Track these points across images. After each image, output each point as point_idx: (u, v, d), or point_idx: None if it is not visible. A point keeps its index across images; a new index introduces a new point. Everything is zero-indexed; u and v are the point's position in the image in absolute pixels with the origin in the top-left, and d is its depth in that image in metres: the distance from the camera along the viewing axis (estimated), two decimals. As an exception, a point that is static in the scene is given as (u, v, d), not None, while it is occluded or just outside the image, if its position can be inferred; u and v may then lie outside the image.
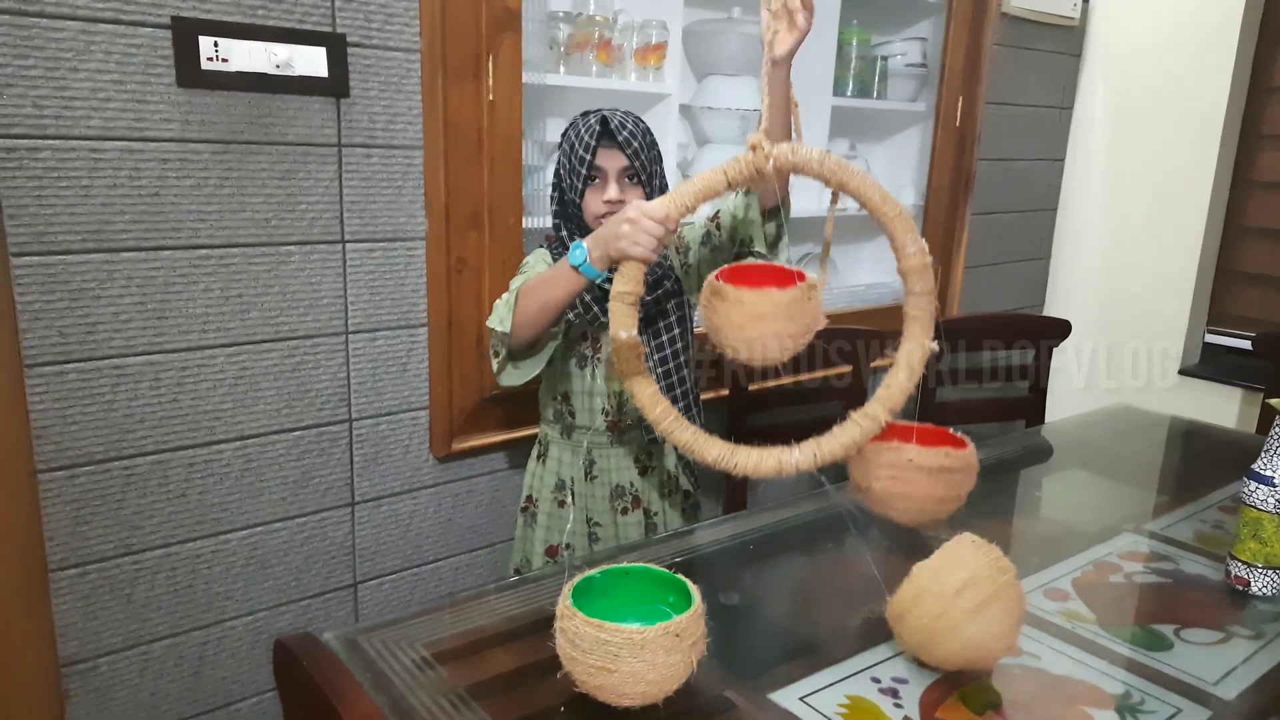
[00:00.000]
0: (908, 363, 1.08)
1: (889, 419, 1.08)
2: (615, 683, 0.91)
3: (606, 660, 0.90)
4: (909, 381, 1.08)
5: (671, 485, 1.55)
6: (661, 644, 0.91)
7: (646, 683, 0.91)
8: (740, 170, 1.03)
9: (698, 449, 1.07)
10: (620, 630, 0.90)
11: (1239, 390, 2.52)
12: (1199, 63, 2.51)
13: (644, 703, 0.93)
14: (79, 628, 1.40)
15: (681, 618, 0.93)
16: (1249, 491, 1.24)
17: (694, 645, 0.94)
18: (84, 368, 1.34)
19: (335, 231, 1.52)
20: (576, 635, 0.92)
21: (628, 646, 0.90)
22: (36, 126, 1.24)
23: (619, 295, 1.09)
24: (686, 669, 0.94)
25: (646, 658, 0.90)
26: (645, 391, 1.10)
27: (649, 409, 1.09)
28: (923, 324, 1.08)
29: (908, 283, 1.07)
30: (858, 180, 1.02)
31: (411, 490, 1.71)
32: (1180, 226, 2.59)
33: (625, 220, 1.10)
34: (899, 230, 1.04)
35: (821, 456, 1.07)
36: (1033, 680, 1.04)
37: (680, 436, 1.08)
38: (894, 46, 2.43)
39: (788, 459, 1.06)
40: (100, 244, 1.31)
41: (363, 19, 1.47)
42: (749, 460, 1.07)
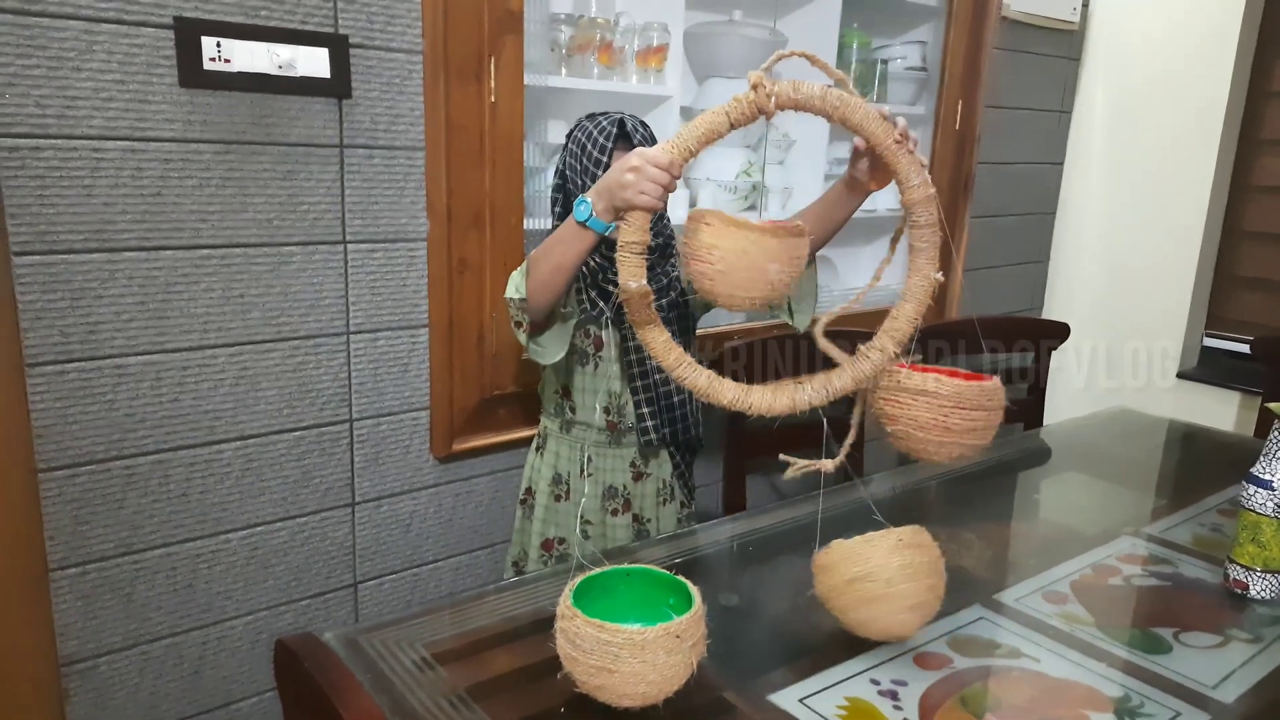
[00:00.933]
0: (915, 294, 1.09)
1: (896, 350, 1.08)
2: (616, 683, 0.91)
3: (607, 660, 0.90)
4: (916, 312, 1.08)
5: (666, 494, 1.55)
6: (662, 645, 0.91)
7: (647, 683, 0.91)
8: (742, 110, 1.00)
9: (713, 393, 1.07)
10: (621, 631, 0.90)
11: (1237, 394, 2.53)
12: (1198, 67, 2.51)
13: (644, 704, 0.94)
14: (79, 627, 1.40)
15: (682, 619, 0.93)
16: (1248, 495, 1.24)
17: (694, 646, 0.95)
18: (85, 367, 1.34)
19: (337, 232, 1.52)
20: (577, 635, 0.92)
21: (628, 647, 0.90)
22: (39, 126, 1.24)
23: (626, 245, 1.05)
24: (687, 670, 0.95)
25: (647, 658, 0.90)
26: (659, 339, 1.08)
27: (663, 356, 1.07)
28: (928, 255, 1.08)
29: (912, 214, 1.07)
30: (860, 114, 1.02)
31: (412, 490, 1.71)
32: (1179, 230, 2.60)
33: (629, 169, 1.07)
34: (903, 163, 1.04)
35: (833, 391, 1.08)
36: (1031, 683, 1.05)
37: (696, 381, 1.07)
38: (894, 50, 2.44)
39: (800, 396, 1.07)
40: (102, 243, 1.32)
41: (365, 20, 1.47)
42: (763, 400, 1.07)
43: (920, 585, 1.05)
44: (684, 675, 0.95)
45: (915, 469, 1.77)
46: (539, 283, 1.28)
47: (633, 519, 1.51)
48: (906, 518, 1.57)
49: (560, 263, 1.24)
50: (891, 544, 1.06)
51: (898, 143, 1.03)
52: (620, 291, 1.05)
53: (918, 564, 1.05)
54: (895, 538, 1.06)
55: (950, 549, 1.39)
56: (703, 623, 0.97)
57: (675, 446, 1.53)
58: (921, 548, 1.07)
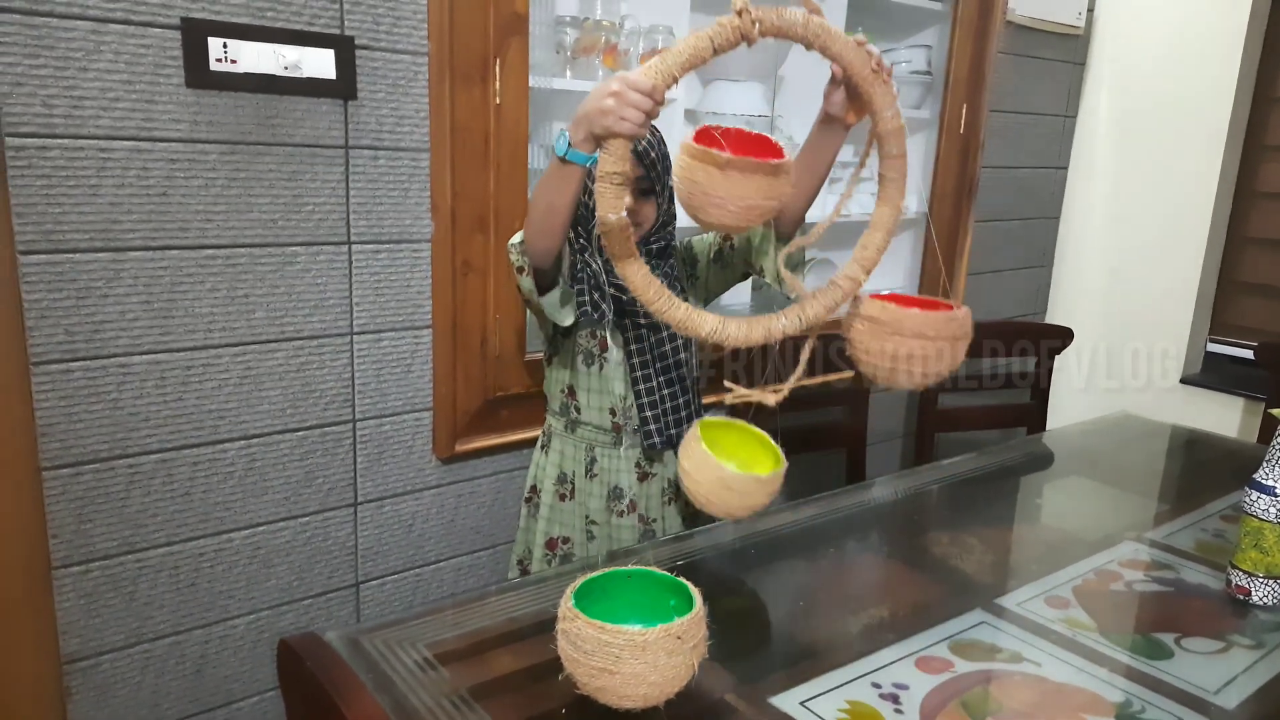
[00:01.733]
0: (883, 223, 1.10)
1: (865, 278, 1.10)
2: (617, 684, 0.91)
3: (608, 662, 0.90)
4: (885, 241, 1.10)
5: (671, 493, 1.55)
6: (663, 646, 0.91)
7: (648, 684, 0.91)
8: (726, 36, 0.99)
9: (691, 325, 1.07)
10: (622, 632, 0.90)
11: (1240, 399, 2.52)
12: (1203, 72, 2.51)
13: (645, 705, 0.94)
14: (81, 625, 1.40)
15: (683, 620, 0.93)
16: (1250, 501, 1.24)
17: (695, 648, 0.94)
18: (90, 366, 1.34)
19: (341, 233, 1.52)
20: (578, 637, 0.92)
21: (629, 648, 0.90)
22: (46, 125, 1.25)
23: (606, 176, 1.02)
24: (688, 671, 0.94)
25: (648, 659, 0.90)
26: (638, 274, 1.06)
27: (642, 290, 1.06)
28: (898, 186, 1.09)
29: (884, 145, 1.08)
30: (840, 43, 1.02)
31: (414, 491, 1.71)
32: (1183, 236, 2.59)
33: (609, 94, 1.01)
34: (878, 94, 1.05)
35: (806, 320, 1.09)
36: (1033, 688, 1.04)
37: (674, 314, 1.06)
38: (899, 54, 2.44)
39: (775, 325, 1.08)
40: (107, 243, 1.32)
41: (371, 22, 1.48)
42: (739, 331, 1.07)
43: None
44: (685, 676, 0.95)
45: (918, 473, 1.77)
46: (533, 227, 1.25)
47: (638, 519, 1.51)
48: (909, 521, 1.58)
49: (550, 203, 1.21)
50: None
51: (874, 71, 1.03)
52: (599, 224, 1.03)
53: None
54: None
55: (953, 552, 1.40)
56: (704, 624, 0.96)
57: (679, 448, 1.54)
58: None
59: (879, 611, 1.22)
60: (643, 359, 1.45)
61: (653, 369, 1.45)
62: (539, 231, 1.25)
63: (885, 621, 1.19)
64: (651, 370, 1.45)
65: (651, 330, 1.45)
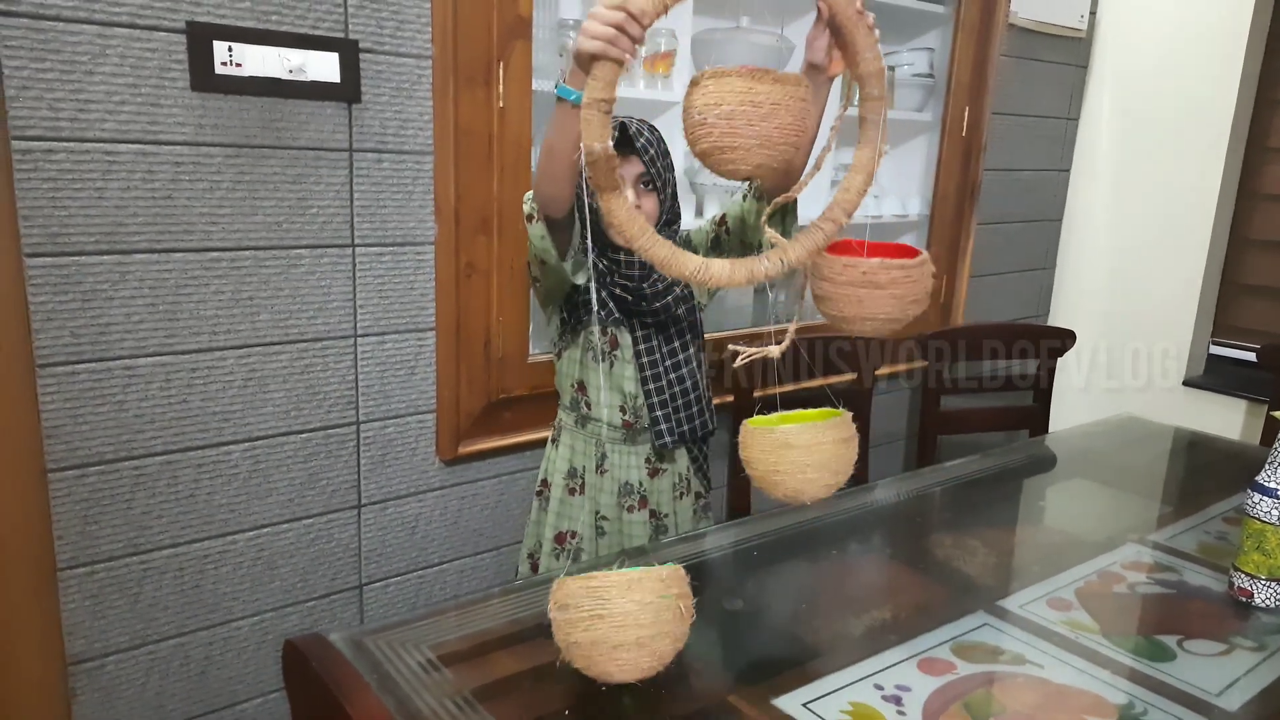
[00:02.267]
0: (863, 166, 1.09)
1: (847, 220, 1.09)
2: (608, 632, 0.93)
3: (598, 606, 0.93)
4: (864, 184, 1.09)
5: (683, 488, 1.55)
6: (650, 586, 0.94)
7: (639, 627, 0.93)
8: None
9: (675, 264, 1.05)
10: (609, 575, 0.94)
11: (1243, 401, 2.52)
12: (1205, 75, 2.51)
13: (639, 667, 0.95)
14: (86, 626, 1.41)
15: (664, 567, 0.97)
16: (1253, 503, 1.24)
17: (681, 598, 0.97)
18: (95, 368, 1.35)
19: (345, 235, 1.53)
20: (569, 599, 0.95)
21: (617, 586, 0.93)
22: (52, 129, 1.25)
23: (592, 103, 0.99)
24: (678, 621, 0.96)
25: (636, 597, 0.93)
26: (621, 207, 1.05)
27: (625, 225, 1.04)
28: (878, 127, 1.09)
29: (864, 87, 1.07)
30: None
31: (418, 493, 1.72)
32: (1185, 238, 2.59)
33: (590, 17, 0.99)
34: (859, 35, 1.05)
35: (788, 262, 1.08)
36: (1036, 690, 1.05)
37: (657, 252, 1.05)
38: (901, 57, 2.44)
39: (758, 267, 1.07)
40: (113, 246, 1.33)
41: (375, 25, 1.48)
42: (723, 271, 1.06)
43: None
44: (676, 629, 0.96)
45: (921, 475, 1.77)
46: (540, 171, 1.26)
47: (649, 515, 1.52)
48: (911, 523, 1.58)
49: (552, 145, 1.21)
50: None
51: (859, 13, 1.03)
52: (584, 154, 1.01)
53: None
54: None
55: (955, 554, 1.40)
56: (685, 583, 0.99)
57: (690, 443, 1.54)
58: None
59: (881, 613, 1.23)
60: (652, 357, 1.45)
61: (662, 366, 1.46)
62: (541, 174, 1.26)
63: (888, 623, 1.19)
64: (661, 368, 1.46)
65: (660, 328, 1.46)
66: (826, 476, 1.13)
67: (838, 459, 1.13)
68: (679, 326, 1.48)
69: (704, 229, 1.50)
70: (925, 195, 2.52)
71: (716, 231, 1.47)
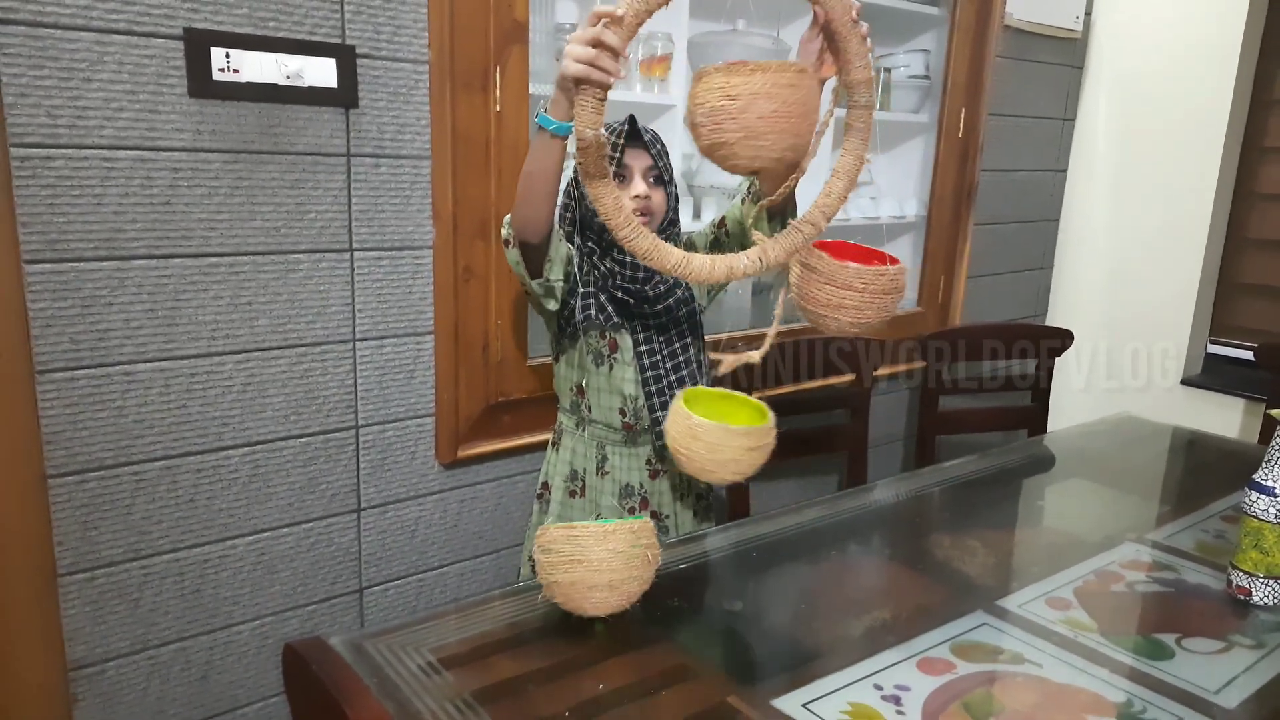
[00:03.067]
0: (846, 172, 1.11)
1: (825, 224, 1.13)
2: (585, 575, 1.05)
3: (576, 552, 1.04)
4: (846, 189, 1.12)
5: (684, 488, 1.56)
6: (623, 538, 1.06)
7: (612, 571, 1.05)
8: None
9: (657, 257, 1.08)
10: (587, 525, 1.07)
11: (1241, 400, 2.53)
12: (1201, 75, 2.52)
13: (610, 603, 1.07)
14: (87, 632, 1.41)
15: (636, 520, 1.09)
16: (1250, 501, 1.25)
17: (650, 548, 1.09)
18: (95, 374, 1.35)
19: (343, 240, 1.53)
20: (550, 544, 1.06)
21: (594, 536, 1.05)
22: (50, 136, 1.26)
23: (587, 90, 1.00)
24: (645, 567, 1.09)
25: (610, 546, 1.05)
26: (608, 196, 1.06)
27: (611, 215, 1.06)
28: (863, 136, 1.11)
29: (853, 94, 1.09)
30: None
31: (417, 496, 1.72)
32: (1182, 237, 2.60)
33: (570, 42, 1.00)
34: (852, 43, 1.06)
35: (767, 261, 1.11)
36: (1035, 689, 1.05)
37: (640, 244, 1.07)
38: (897, 58, 2.45)
39: (737, 264, 1.10)
40: (112, 252, 1.33)
41: (372, 31, 1.49)
42: (703, 266, 1.09)
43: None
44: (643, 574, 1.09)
45: (920, 475, 1.77)
46: (520, 197, 1.29)
47: (651, 516, 1.52)
48: (910, 524, 1.58)
49: (531, 171, 1.25)
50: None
51: (854, 21, 1.05)
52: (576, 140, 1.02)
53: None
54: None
55: (954, 554, 1.41)
56: (654, 534, 1.12)
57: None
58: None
59: (881, 613, 1.23)
60: (653, 359, 1.46)
61: (663, 368, 1.47)
62: (521, 198, 1.29)
63: (887, 623, 1.19)
64: (662, 369, 1.47)
65: (661, 330, 1.46)
66: (726, 474, 1.19)
67: (739, 462, 1.19)
68: (680, 329, 1.48)
69: (705, 232, 1.51)
70: (922, 197, 2.53)
71: (716, 234, 1.48)
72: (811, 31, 1.13)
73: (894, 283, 1.12)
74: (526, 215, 1.30)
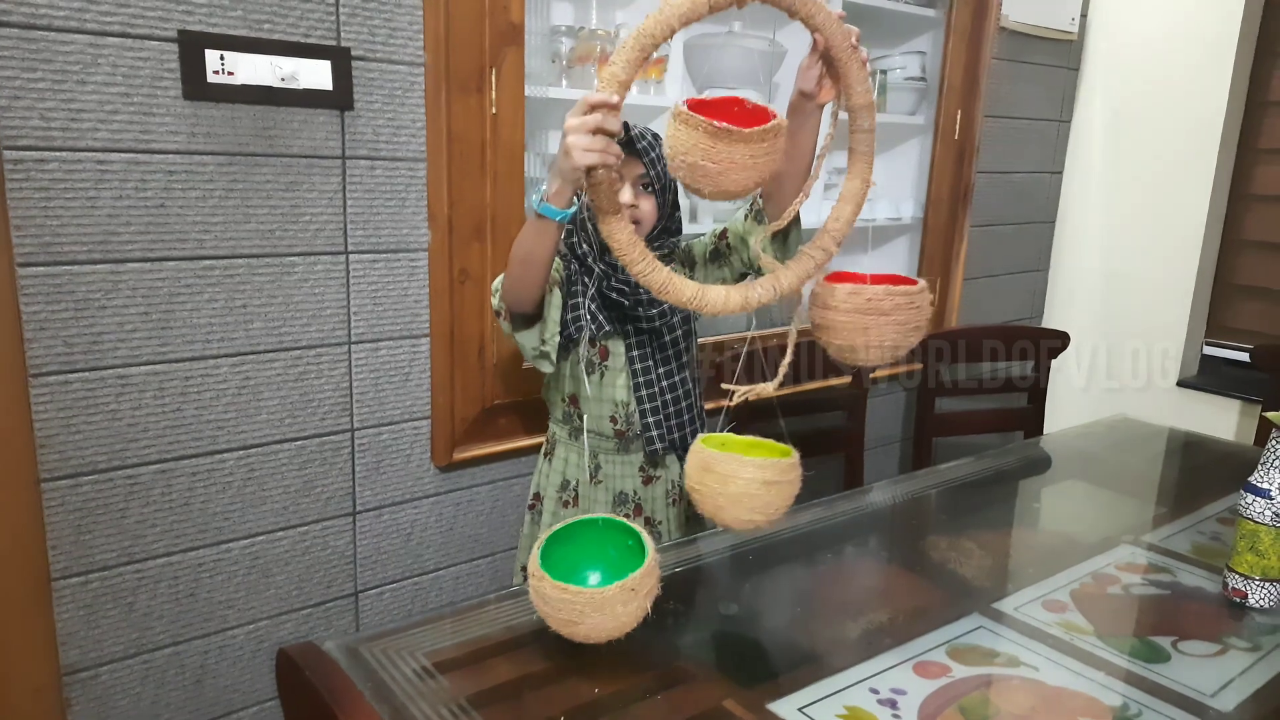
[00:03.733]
0: (853, 197, 1.12)
1: (836, 249, 1.13)
2: (582, 632, 1.04)
3: (573, 615, 1.03)
4: (853, 214, 1.12)
5: (675, 494, 1.56)
6: (619, 599, 1.03)
7: (608, 630, 1.04)
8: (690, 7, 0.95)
9: (671, 290, 1.08)
10: (582, 592, 1.03)
11: (1237, 402, 2.53)
12: (1196, 76, 2.52)
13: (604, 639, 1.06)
14: (81, 636, 1.41)
15: (636, 574, 1.04)
16: (1246, 504, 1.25)
17: (648, 594, 1.07)
18: (88, 377, 1.35)
19: (339, 242, 1.53)
20: (546, 595, 1.04)
21: (590, 605, 1.02)
22: (44, 138, 1.25)
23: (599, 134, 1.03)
24: (641, 613, 1.07)
25: (606, 611, 1.03)
26: (623, 232, 1.07)
27: (626, 250, 1.07)
28: (867, 160, 1.12)
29: (855, 119, 1.10)
30: (823, 14, 1.03)
31: (413, 500, 1.71)
32: (1178, 239, 2.60)
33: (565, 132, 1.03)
34: (852, 69, 1.07)
35: (780, 289, 1.11)
36: (1031, 692, 1.05)
37: (654, 278, 1.07)
38: (893, 60, 2.45)
39: (752, 294, 1.10)
40: (106, 254, 1.33)
41: (367, 33, 1.48)
42: (719, 298, 1.09)
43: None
44: (639, 618, 1.07)
45: (916, 478, 1.77)
46: (511, 277, 1.30)
47: (644, 523, 1.52)
48: (907, 526, 1.58)
49: (526, 255, 1.25)
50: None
51: (853, 47, 1.05)
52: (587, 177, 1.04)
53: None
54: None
55: (950, 557, 1.41)
56: (656, 571, 1.09)
57: (682, 450, 1.54)
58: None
59: (877, 617, 1.23)
60: (645, 364, 1.46)
61: (655, 374, 1.46)
62: (516, 281, 1.29)
63: (883, 627, 1.19)
64: (654, 375, 1.46)
65: (655, 335, 1.46)
66: (741, 512, 1.15)
67: (754, 497, 1.14)
68: (673, 335, 1.48)
69: (705, 240, 1.50)
70: (918, 198, 2.53)
71: (717, 244, 1.47)
72: (811, 58, 1.14)
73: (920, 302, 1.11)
74: (522, 296, 1.31)
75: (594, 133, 1.02)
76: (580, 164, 1.03)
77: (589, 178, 1.05)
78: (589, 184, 1.06)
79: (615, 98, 0.99)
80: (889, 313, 1.09)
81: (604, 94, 0.99)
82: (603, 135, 1.02)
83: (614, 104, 1.00)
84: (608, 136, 1.03)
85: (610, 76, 0.99)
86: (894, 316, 1.09)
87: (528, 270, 1.26)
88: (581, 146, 1.02)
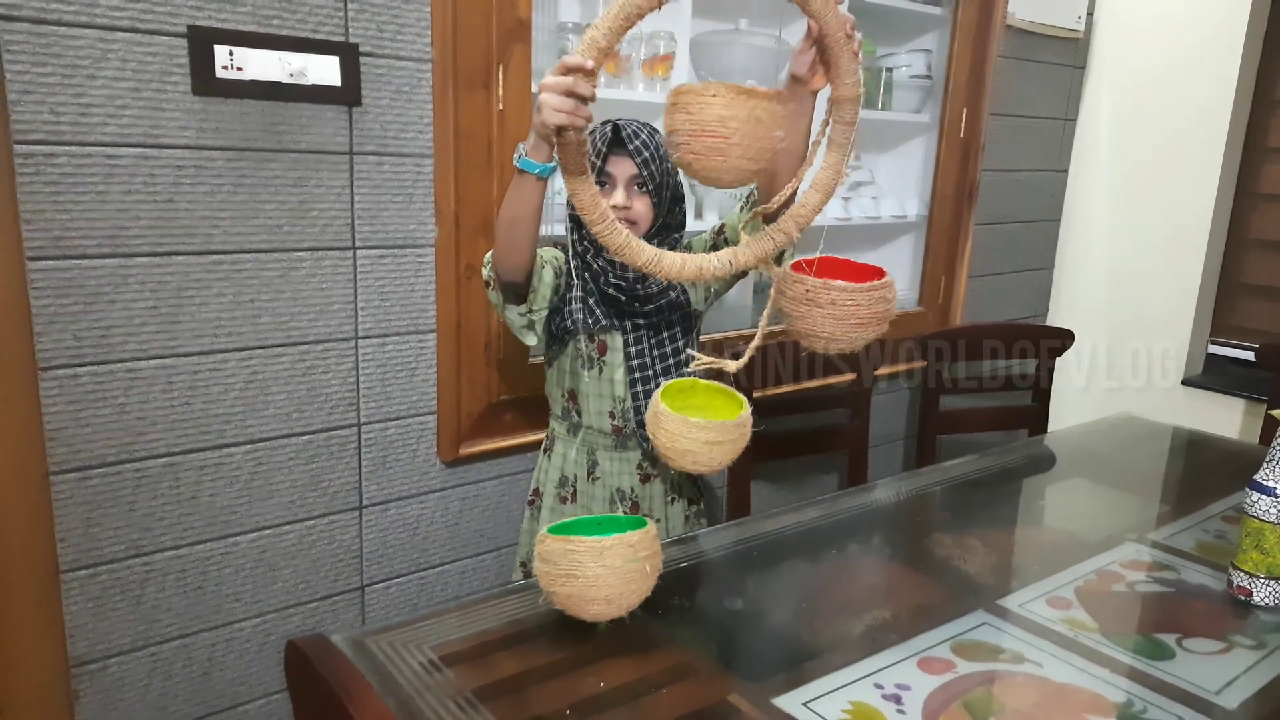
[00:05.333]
0: (823, 186, 1.12)
1: (799, 234, 1.14)
2: (581, 588, 1.05)
3: (572, 567, 1.05)
4: (821, 202, 1.13)
5: (675, 493, 1.56)
6: (619, 553, 1.06)
7: (608, 587, 1.06)
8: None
9: (629, 252, 1.08)
10: (583, 541, 1.06)
11: (1242, 401, 2.53)
12: (1202, 75, 2.52)
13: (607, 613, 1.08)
14: (89, 628, 1.41)
15: (635, 532, 1.08)
16: (1251, 502, 1.25)
17: (649, 559, 1.09)
18: (98, 371, 1.35)
19: (346, 238, 1.53)
20: (548, 553, 1.07)
21: (590, 553, 1.05)
22: (54, 133, 1.26)
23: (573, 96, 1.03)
24: (643, 580, 1.09)
25: (605, 563, 1.05)
26: (586, 192, 1.06)
27: (588, 209, 1.06)
28: (843, 151, 1.12)
29: (838, 110, 1.10)
30: (819, 3, 1.03)
31: (419, 494, 1.72)
32: (1184, 237, 2.60)
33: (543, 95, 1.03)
34: (843, 59, 1.07)
35: (737, 265, 1.12)
36: (1035, 688, 1.05)
37: (613, 240, 1.07)
38: (899, 58, 2.45)
39: (706, 265, 1.11)
40: (115, 249, 1.33)
41: (375, 29, 1.49)
42: (674, 264, 1.09)
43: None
44: (641, 586, 1.09)
45: (920, 475, 1.77)
46: (499, 241, 1.30)
47: None
48: (911, 523, 1.58)
49: (513, 216, 1.25)
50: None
51: (847, 36, 1.05)
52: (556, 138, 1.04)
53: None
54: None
55: (955, 554, 1.41)
56: (657, 542, 1.12)
57: None
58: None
59: (881, 613, 1.23)
60: (642, 359, 1.46)
61: (652, 370, 1.47)
62: (503, 244, 1.29)
63: (887, 622, 1.20)
64: (651, 371, 1.46)
65: (652, 330, 1.46)
66: (686, 464, 1.20)
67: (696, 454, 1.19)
68: (671, 331, 1.48)
69: (704, 237, 1.50)
70: (923, 196, 2.53)
71: (715, 240, 1.48)
72: (806, 44, 1.14)
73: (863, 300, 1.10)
74: (512, 261, 1.30)
75: (566, 94, 1.02)
76: (550, 122, 1.03)
77: (558, 136, 1.05)
78: (558, 143, 1.06)
79: (590, 63, 0.99)
80: (823, 305, 1.09)
81: (579, 58, 0.99)
82: (574, 98, 1.02)
83: (588, 69, 1.00)
84: (579, 100, 1.02)
85: (590, 41, 0.98)
86: (827, 310, 1.09)
87: (514, 230, 1.26)
88: (552, 105, 1.02)
